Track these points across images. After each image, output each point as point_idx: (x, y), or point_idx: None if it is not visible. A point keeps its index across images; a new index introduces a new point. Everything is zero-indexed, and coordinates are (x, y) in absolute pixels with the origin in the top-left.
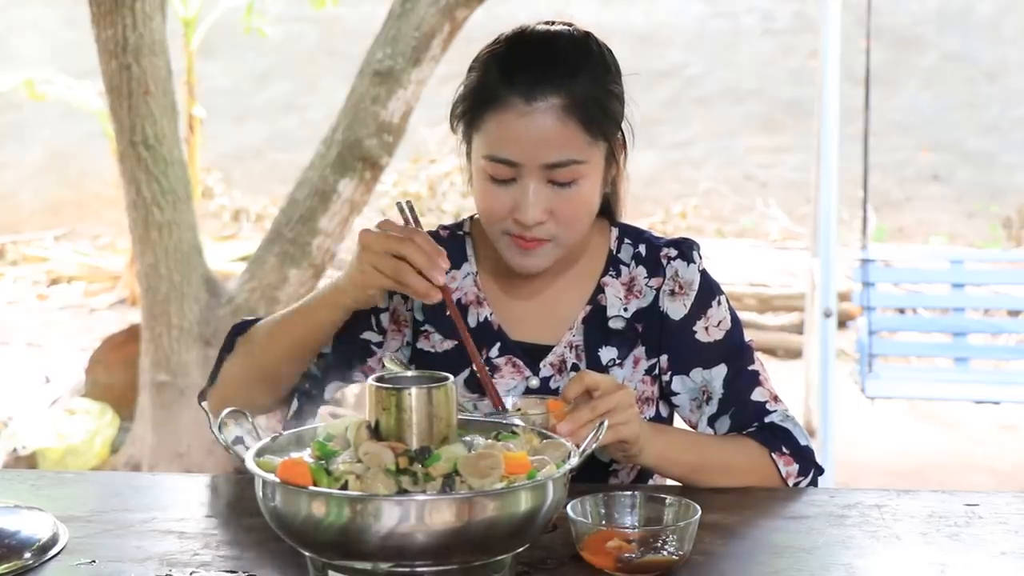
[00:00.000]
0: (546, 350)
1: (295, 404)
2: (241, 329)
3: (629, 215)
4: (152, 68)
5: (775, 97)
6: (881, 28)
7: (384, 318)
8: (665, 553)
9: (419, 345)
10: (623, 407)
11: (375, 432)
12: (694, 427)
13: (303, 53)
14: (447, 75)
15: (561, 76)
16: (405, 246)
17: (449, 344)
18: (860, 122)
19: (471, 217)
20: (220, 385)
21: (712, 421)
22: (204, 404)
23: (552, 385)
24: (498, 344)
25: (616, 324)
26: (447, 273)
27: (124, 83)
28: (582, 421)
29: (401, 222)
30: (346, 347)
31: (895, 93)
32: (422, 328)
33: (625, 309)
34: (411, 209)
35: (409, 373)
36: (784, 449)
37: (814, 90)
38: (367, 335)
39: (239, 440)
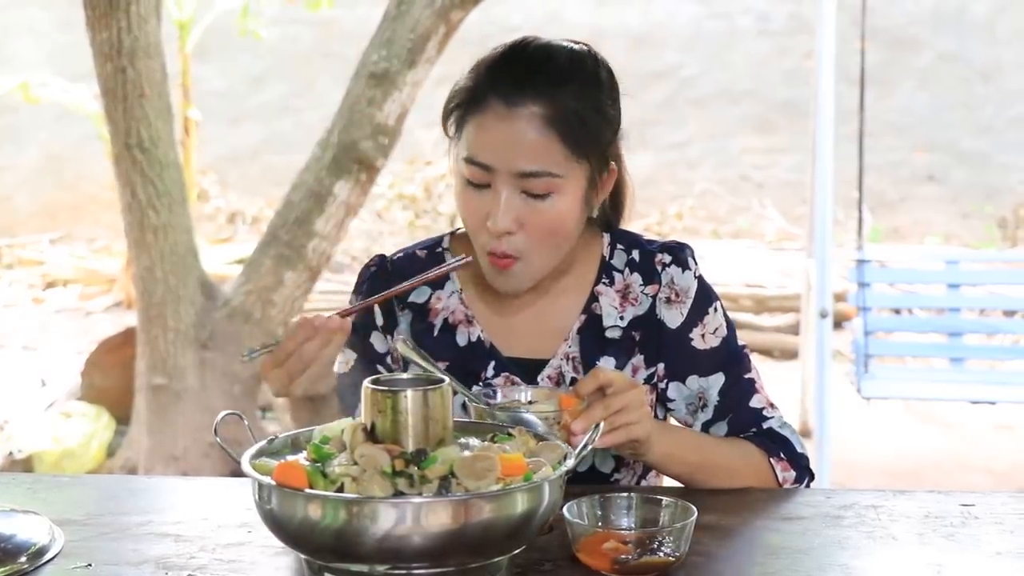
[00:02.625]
0: (542, 364)
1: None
2: None
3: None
4: (147, 71)
5: (770, 98)
6: (876, 29)
7: (388, 360)
8: (661, 554)
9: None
10: (635, 406)
11: (371, 434)
12: None
13: (298, 55)
14: (443, 77)
15: (545, 85)
16: (285, 345)
17: (440, 366)
18: (855, 123)
19: (451, 232)
20: None
21: (707, 427)
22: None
23: None
24: (492, 363)
25: (613, 333)
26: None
27: (119, 86)
28: (596, 419)
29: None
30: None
31: (890, 94)
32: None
33: (621, 317)
34: (262, 348)
35: (405, 376)
36: (782, 455)
37: (809, 91)
38: None
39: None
